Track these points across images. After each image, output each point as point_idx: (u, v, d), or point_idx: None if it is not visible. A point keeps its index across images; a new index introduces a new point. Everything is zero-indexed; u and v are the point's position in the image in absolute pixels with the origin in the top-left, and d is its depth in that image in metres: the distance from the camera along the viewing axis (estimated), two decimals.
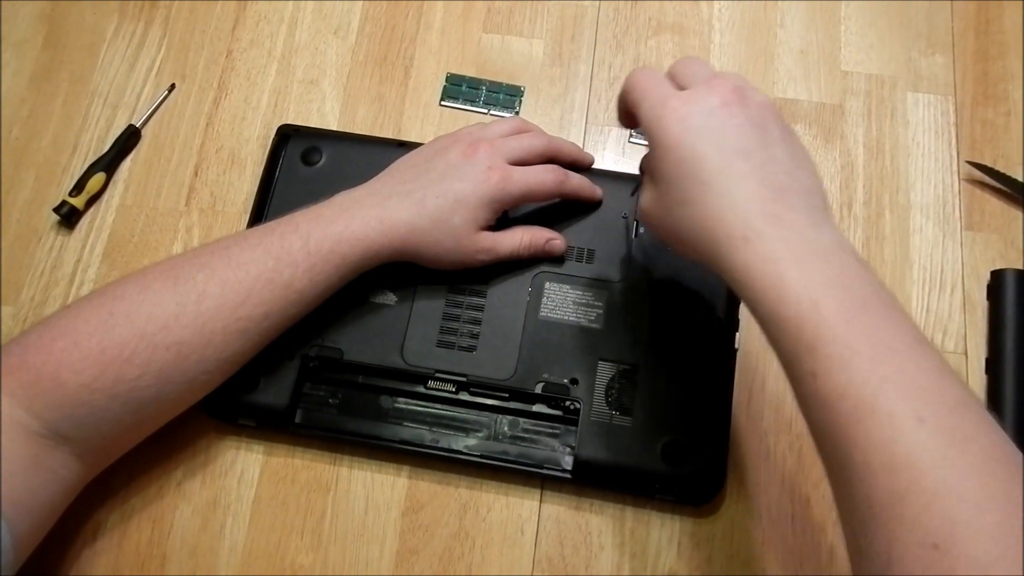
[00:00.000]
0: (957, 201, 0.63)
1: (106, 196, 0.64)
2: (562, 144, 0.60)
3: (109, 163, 0.64)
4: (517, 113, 0.66)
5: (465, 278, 0.58)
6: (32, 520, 0.47)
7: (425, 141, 0.65)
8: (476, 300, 0.58)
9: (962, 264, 0.61)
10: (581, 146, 0.65)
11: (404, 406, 0.56)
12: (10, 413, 0.46)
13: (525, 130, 0.59)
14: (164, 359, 0.49)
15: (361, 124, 0.66)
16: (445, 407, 0.56)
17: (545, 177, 0.56)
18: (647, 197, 0.47)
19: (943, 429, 0.33)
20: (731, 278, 0.41)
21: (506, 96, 0.67)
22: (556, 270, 0.58)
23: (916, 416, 0.34)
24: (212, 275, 0.51)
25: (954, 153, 0.64)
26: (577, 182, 0.58)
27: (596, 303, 0.57)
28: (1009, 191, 0.63)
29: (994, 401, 0.56)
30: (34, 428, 0.46)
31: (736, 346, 0.57)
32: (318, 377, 0.57)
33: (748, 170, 0.41)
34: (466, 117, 0.66)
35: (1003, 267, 0.60)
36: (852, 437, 0.35)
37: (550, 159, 0.58)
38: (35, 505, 0.47)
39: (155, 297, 0.50)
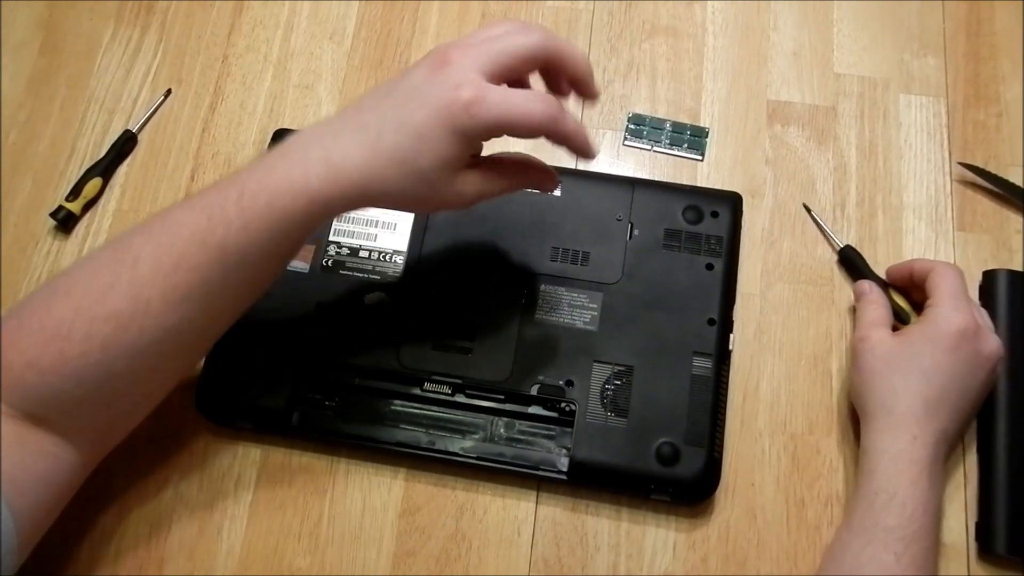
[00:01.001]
0: (949, 202, 0.64)
1: (103, 201, 0.65)
2: (568, 50, 0.46)
3: (106, 168, 0.64)
4: None
5: (462, 280, 0.58)
6: (31, 499, 0.45)
7: None
8: (472, 302, 0.58)
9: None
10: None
11: (400, 408, 0.57)
12: None
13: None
14: (104, 332, 0.45)
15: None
16: (441, 409, 0.57)
17: (533, 106, 0.44)
18: (887, 335, 0.55)
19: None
20: (872, 433, 0.53)
21: None
22: (551, 272, 0.59)
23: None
24: (148, 238, 0.46)
25: (946, 154, 0.65)
26: (574, 125, 0.45)
27: (591, 305, 0.58)
28: (1001, 192, 0.63)
29: (986, 402, 0.56)
30: (6, 410, 0.45)
31: (730, 347, 0.57)
32: (315, 380, 0.57)
33: (949, 408, 0.53)
34: None
35: (995, 268, 0.60)
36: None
37: (549, 68, 0.47)
38: (31, 483, 0.46)
39: (93, 266, 0.46)
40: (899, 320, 0.58)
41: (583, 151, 0.47)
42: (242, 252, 0.45)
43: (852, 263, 0.61)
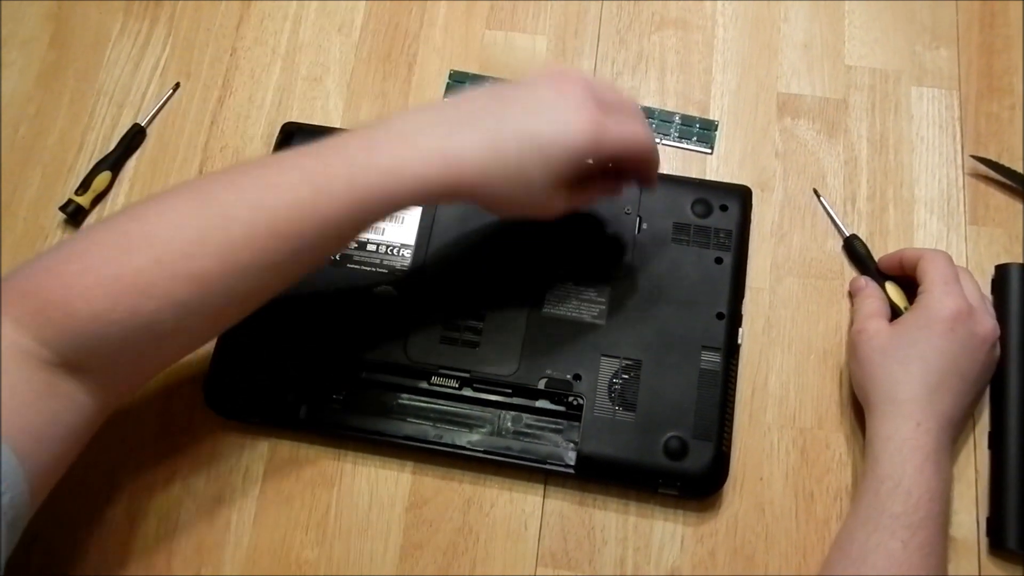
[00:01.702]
0: (961, 196, 0.63)
1: (112, 195, 0.65)
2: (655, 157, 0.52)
3: (115, 162, 0.65)
4: None
5: (469, 273, 0.58)
6: (53, 452, 0.43)
7: None
8: (479, 296, 0.58)
9: (966, 259, 0.61)
10: None
11: (408, 402, 0.57)
12: (16, 341, 0.42)
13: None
14: (185, 291, 0.43)
15: (365, 121, 0.66)
16: (449, 403, 0.56)
17: (642, 131, 0.49)
18: (884, 325, 0.55)
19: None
20: (876, 422, 0.53)
21: None
22: (559, 266, 0.58)
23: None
24: (241, 197, 0.45)
25: (958, 147, 0.64)
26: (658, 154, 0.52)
27: (599, 299, 0.58)
28: (1014, 185, 0.62)
29: (997, 395, 0.56)
30: (44, 357, 0.42)
31: (739, 341, 0.57)
32: (322, 373, 0.57)
33: (951, 392, 0.53)
34: None
35: (1007, 261, 0.59)
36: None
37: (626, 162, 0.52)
38: (55, 436, 0.43)
39: (177, 218, 0.44)
40: (895, 316, 0.57)
41: (654, 180, 0.54)
42: (343, 227, 0.46)
43: (855, 253, 0.61)
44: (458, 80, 0.67)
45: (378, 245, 0.59)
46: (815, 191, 0.63)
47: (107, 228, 0.45)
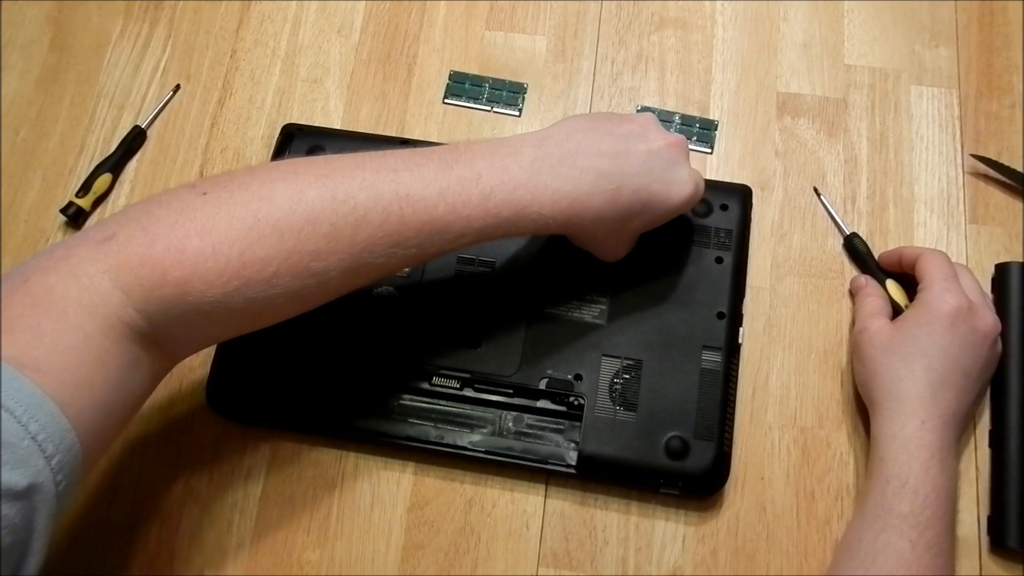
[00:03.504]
0: (961, 194, 0.63)
1: (112, 197, 0.65)
2: None
3: (115, 164, 0.65)
4: (520, 111, 0.66)
5: (470, 274, 0.58)
6: (114, 427, 0.42)
7: (429, 139, 0.65)
8: (480, 296, 0.58)
9: (966, 258, 0.61)
10: None
11: (409, 403, 0.57)
12: (119, 312, 0.40)
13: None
14: (304, 285, 0.44)
15: (365, 122, 0.66)
16: (450, 403, 0.56)
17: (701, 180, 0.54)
18: (885, 324, 0.55)
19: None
20: (881, 421, 0.53)
21: (509, 93, 0.67)
22: (560, 266, 0.58)
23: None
24: (376, 200, 0.45)
25: (958, 146, 0.64)
26: None
27: (600, 299, 0.58)
28: (1013, 184, 0.62)
29: (997, 393, 0.56)
30: (141, 327, 0.41)
31: (740, 341, 0.57)
32: (324, 374, 0.57)
33: (954, 389, 0.52)
34: (469, 115, 0.66)
35: (1007, 260, 0.59)
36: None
37: None
38: (121, 413, 0.42)
39: (309, 211, 0.43)
40: (897, 314, 0.57)
41: None
42: (460, 244, 0.48)
43: (855, 252, 0.61)
44: (458, 81, 0.67)
45: None
46: (815, 190, 0.63)
47: (235, 203, 0.43)
